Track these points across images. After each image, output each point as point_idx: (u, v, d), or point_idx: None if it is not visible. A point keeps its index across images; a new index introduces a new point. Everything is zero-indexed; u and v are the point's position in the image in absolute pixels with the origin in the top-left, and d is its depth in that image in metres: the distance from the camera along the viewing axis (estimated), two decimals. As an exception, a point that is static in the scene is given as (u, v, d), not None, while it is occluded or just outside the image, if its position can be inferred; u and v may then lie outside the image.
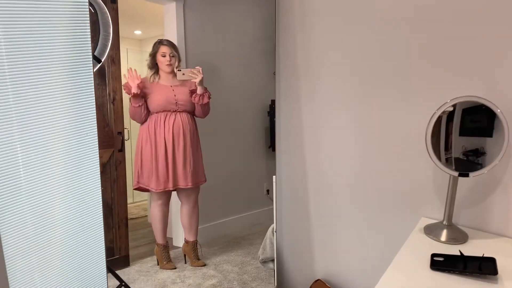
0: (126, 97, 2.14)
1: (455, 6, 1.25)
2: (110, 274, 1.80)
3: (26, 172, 1.15)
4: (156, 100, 2.07)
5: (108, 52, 1.80)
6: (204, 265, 2.24)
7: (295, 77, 1.72)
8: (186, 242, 2.29)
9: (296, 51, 1.71)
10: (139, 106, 2.06)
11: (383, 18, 1.42)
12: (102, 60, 1.71)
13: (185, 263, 2.27)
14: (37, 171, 1.18)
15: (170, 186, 2.09)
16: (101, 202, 1.30)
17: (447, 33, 1.27)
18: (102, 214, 1.32)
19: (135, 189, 2.20)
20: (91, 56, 1.22)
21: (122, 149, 2.22)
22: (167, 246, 2.27)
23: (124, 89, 2.09)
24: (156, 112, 2.08)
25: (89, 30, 1.22)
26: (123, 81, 2.11)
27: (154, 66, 2.15)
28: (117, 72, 2.18)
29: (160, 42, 2.14)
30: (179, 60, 2.18)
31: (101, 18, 1.68)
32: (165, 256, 2.24)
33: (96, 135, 1.22)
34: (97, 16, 1.69)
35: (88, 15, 1.22)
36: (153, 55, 2.14)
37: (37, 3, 1.11)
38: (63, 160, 1.21)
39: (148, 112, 2.12)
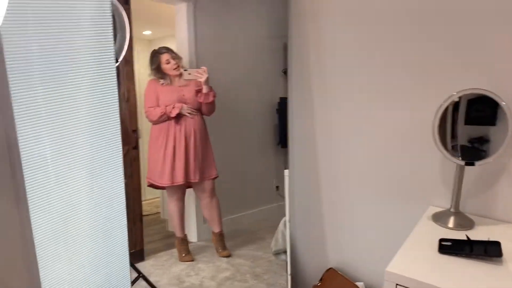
0: (139, 96, 2.20)
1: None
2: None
3: (54, 163, 1.22)
4: (167, 100, 2.13)
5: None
6: (230, 255, 2.32)
7: (307, 72, 1.78)
8: (213, 233, 2.38)
9: (308, 48, 1.76)
10: (153, 107, 2.13)
11: (393, 15, 1.47)
12: (119, 60, 1.77)
13: (218, 252, 2.34)
14: (64, 162, 1.24)
15: (180, 180, 2.15)
16: (124, 193, 1.37)
17: (452, 32, 1.33)
18: (125, 205, 1.39)
19: (148, 186, 2.26)
20: (113, 55, 1.29)
21: (136, 147, 2.28)
22: (185, 239, 2.34)
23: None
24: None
25: (112, 30, 1.29)
26: (137, 81, 2.17)
27: (163, 74, 2.18)
28: (130, 72, 2.23)
29: (157, 52, 2.18)
30: (181, 59, 2.22)
31: (118, 20, 1.74)
32: (184, 248, 2.31)
33: (119, 126, 1.29)
34: (114, 17, 1.76)
35: (111, 16, 1.29)
36: (158, 66, 2.17)
37: (63, 4, 1.18)
38: (88, 152, 1.28)
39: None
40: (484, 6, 1.26)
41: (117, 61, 1.84)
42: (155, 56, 2.18)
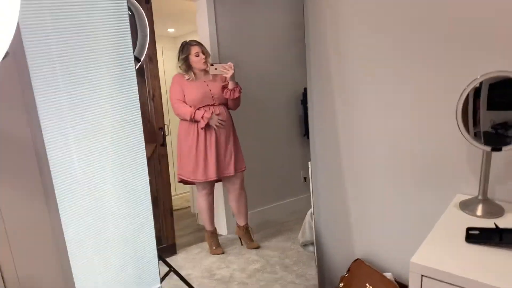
0: (165, 94, 2.23)
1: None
2: (159, 261, 1.91)
3: (80, 163, 1.26)
4: (194, 95, 2.16)
5: (146, 51, 1.89)
6: (258, 247, 2.35)
7: (325, 62, 1.76)
8: (238, 226, 2.40)
9: (326, 37, 1.74)
10: (180, 101, 2.16)
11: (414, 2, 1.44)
12: (141, 59, 1.80)
13: (242, 245, 2.38)
14: (90, 161, 1.29)
15: (214, 176, 2.19)
16: (149, 190, 1.40)
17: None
18: (150, 202, 1.42)
19: (179, 182, 2.30)
20: (132, 54, 1.32)
21: (164, 144, 2.32)
22: (215, 232, 2.39)
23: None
24: (197, 108, 2.17)
25: (129, 30, 1.31)
26: (162, 78, 2.20)
27: (189, 67, 2.20)
28: (155, 70, 2.27)
29: (188, 43, 2.20)
30: (209, 55, 2.25)
31: (138, 20, 1.77)
32: (214, 241, 2.36)
33: (141, 125, 1.33)
34: (134, 17, 1.79)
35: (128, 16, 1.32)
36: (186, 57, 2.19)
37: (81, 6, 1.22)
38: (112, 151, 1.32)
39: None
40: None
41: (139, 60, 1.89)
42: (185, 46, 2.20)
